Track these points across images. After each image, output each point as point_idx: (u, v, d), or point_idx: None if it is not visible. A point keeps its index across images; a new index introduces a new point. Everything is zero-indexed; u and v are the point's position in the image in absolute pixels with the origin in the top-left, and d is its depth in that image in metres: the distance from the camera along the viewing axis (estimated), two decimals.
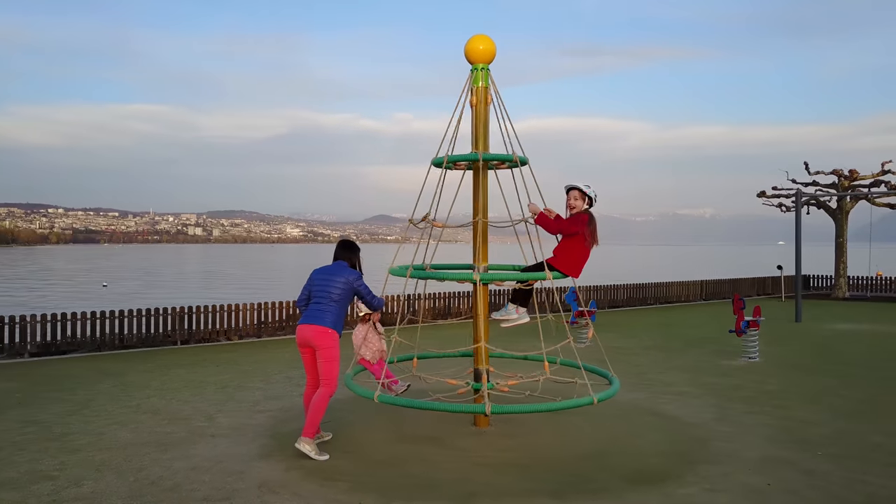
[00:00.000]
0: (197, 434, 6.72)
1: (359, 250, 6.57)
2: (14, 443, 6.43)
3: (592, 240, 6.46)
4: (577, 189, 6.58)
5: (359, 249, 6.58)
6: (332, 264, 6.40)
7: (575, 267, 6.45)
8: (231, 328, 13.75)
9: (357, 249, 6.55)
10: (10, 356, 11.41)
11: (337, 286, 6.18)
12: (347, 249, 6.47)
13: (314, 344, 6.10)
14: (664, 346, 12.85)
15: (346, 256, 6.43)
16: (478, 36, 6.76)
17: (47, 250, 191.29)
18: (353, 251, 6.48)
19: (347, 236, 36.42)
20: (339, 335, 6.24)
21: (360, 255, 6.55)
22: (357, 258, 6.49)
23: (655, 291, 22.26)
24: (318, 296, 6.20)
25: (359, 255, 6.53)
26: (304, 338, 6.16)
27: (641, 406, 7.96)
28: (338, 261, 6.41)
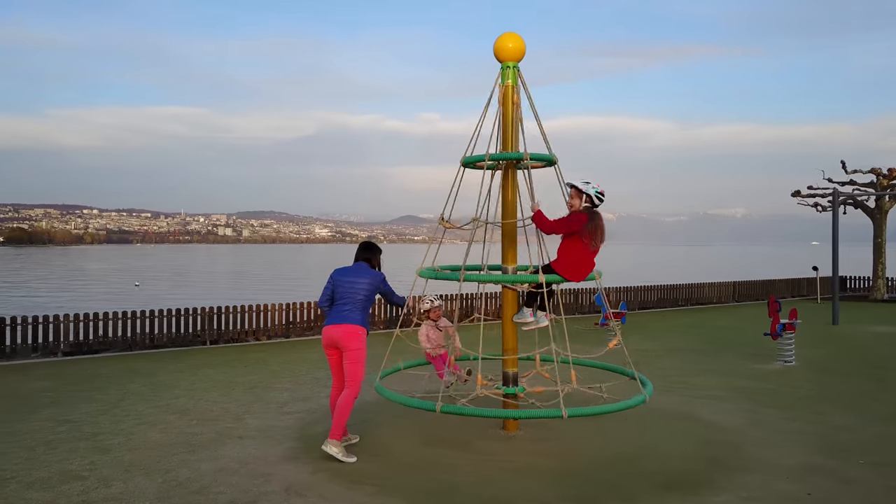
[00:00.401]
0: (225, 435, 6.73)
1: (380, 251, 6.59)
2: (47, 442, 6.50)
3: (593, 241, 6.01)
4: (574, 187, 6.18)
5: (380, 251, 6.60)
6: (353, 265, 6.42)
7: (573, 270, 6.06)
8: (260, 328, 13.83)
9: (378, 250, 6.57)
10: (43, 355, 11.60)
11: (362, 287, 6.20)
12: (368, 250, 6.51)
13: (342, 344, 6.08)
14: (696, 349, 12.61)
15: (366, 257, 6.45)
16: (507, 34, 6.67)
17: (82, 250, 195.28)
18: (373, 252, 6.50)
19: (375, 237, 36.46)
20: (367, 332, 6.24)
21: (380, 256, 6.56)
22: (377, 259, 6.51)
23: (687, 292, 21.90)
24: (344, 298, 6.19)
25: (379, 255, 6.54)
26: (331, 338, 6.13)
27: (673, 410, 7.79)
28: (359, 262, 6.44)
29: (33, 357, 11.51)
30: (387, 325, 15.51)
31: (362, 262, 6.44)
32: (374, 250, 6.55)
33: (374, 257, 6.49)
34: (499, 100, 6.75)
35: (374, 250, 6.54)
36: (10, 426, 7.08)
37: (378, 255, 6.55)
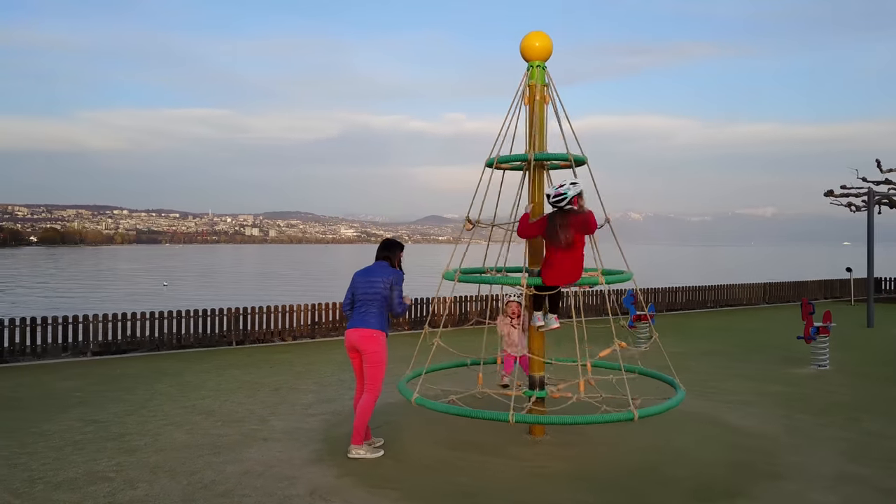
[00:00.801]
0: (250, 437, 6.73)
1: (399, 248, 6.39)
2: (75, 442, 6.55)
3: (552, 242, 6.04)
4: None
5: (399, 247, 6.40)
6: (373, 264, 6.30)
7: (545, 272, 6.11)
8: (285, 329, 13.87)
9: (398, 247, 6.38)
10: (73, 355, 11.75)
11: (378, 287, 6.09)
12: (387, 248, 6.34)
13: (360, 348, 6.04)
14: (726, 352, 12.38)
15: (385, 255, 6.30)
16: (534, 33, 6.58)
17: (113, 250, 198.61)
18: (392, 249, 6.33)
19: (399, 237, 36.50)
20: (387, 335, 6.17)
21: (401, 254, 6.38)
22: (397, 256, 6.33)
23: (715, 294, 21.56)
24: (361, 299, 6.12)
25: (399, 253, 6.36)
26: (351, 342, 6.10)
27: (703, 415, 7.62)
28: (379, 261, 6.30)
29: (63, 357, 11.66)
30: (413, 326, 15.45)
31: (382, 260, 6.30)
32: (394, 248, 6.37)
33: (393, 255, 6.31)
34: (526, 99, 6.65)
35: (393, 248, 6.36)
36: (40, 426, 7.15)
37: (398, 252, 6.38)
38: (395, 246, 6.38)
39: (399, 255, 6.35)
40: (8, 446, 6.43)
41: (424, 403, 6.17)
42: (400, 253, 6.37)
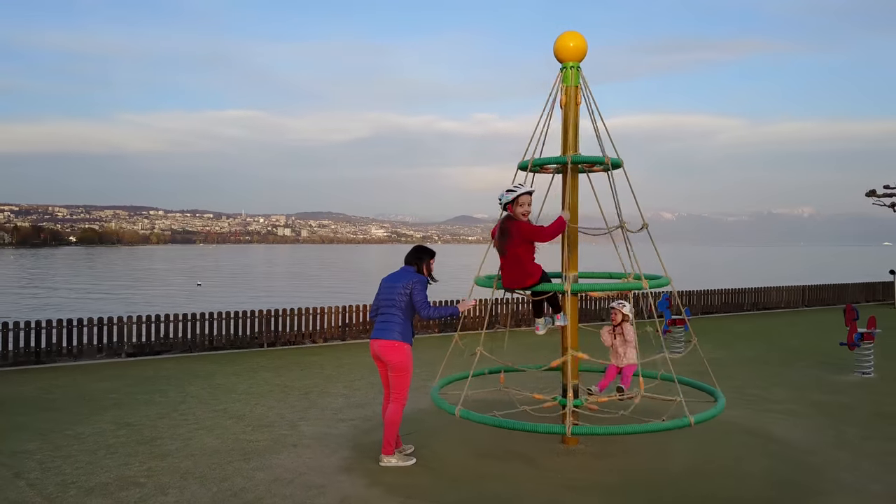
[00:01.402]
0: (280, 443, 6.68)
1: (428, 254, 6.16)
2: (108, 446, 6.57)
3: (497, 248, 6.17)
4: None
5: (428, 254, 6.16)
6: (399, 270, 6.11)
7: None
8: (316, 331, 13.87)
9: (427, 254, 6.15)
10: (108, 356, 11.88)
11: (399, 293, 5.89)
12: (414, 253, 6.13)
13: (383, 358, 5.93)
14: (765, 358, 12.03)
15: (412, 260, 6.09)
16: (568, 33, 6.42)
17: (148, 250, 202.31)
18: (419, 255, 6.10)
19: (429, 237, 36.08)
20: (411, 344, 6.00)
21: (430, 260, 6.12)
22: (425, 262, 6.08)
23: (753, 297, 21.08)
24: (384, 305, 5.97)
25: (428, 258, 6.11)
26: (374, 352, 6.00)
27: (744, 426, 7.37)
28: (405, 266, 6.10)
29: (98, 358, 11.79)
30: (441, 329, 15.35)
31: (409, 266, 6.09)
32: (422, 254, 6.13)
33: (420, 261, 6.07)
34: (560, 101, 6.50)
35: (420, 254, 6.12)
36: (75, 428, 7.20)
37: (427, 258, 6.12)
38: (422, 252, 6.17)
39: (428, 262, 6.12)
40: (42, 449, 6.47)
41: (470, 417, 5.94)
42: (430, 260, 6.14)
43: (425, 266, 6.11)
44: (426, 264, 6.11)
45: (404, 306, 5.89)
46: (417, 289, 5.88)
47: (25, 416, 7.77)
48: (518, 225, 5.96)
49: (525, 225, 5.98)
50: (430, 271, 6.16)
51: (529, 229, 5.97)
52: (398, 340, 5.86)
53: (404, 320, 5.91)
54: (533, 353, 10.82)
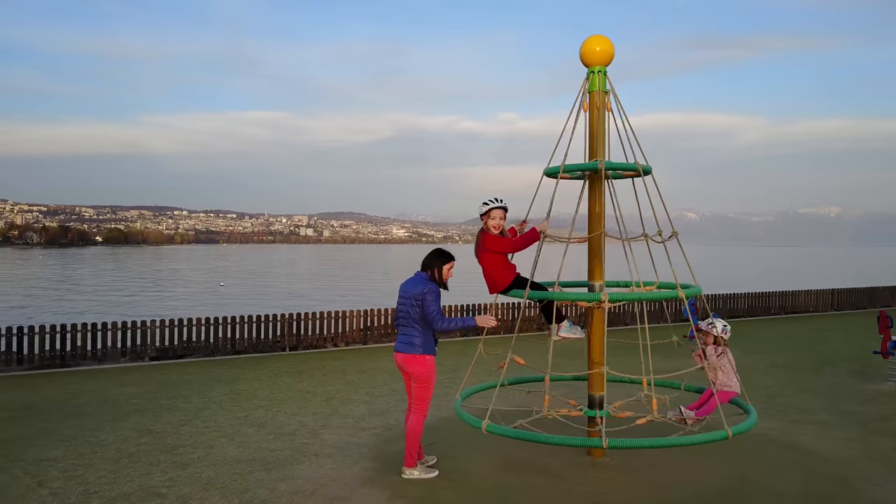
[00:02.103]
0: (301, 452, 6.62)
1: (445, 259, 5.88)
2: (130, 454, 6.56)
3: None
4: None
5: (445, 258, 5.89)
6: (413, 276, 5.91)
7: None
8: (338, 334, 13.85)
9: (442, 258, 5.88)
10: (132, 359, 11.95)
11: (412, 305, 5.73)
12: (428, 258, 5.89)
13: (407, 370, 5.83)
14: (794, 365, 11.77)
15: (426, 265, 5.87)
16: (595, 37, 6.29)
17: (172, 250, 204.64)
18: (432, 259, 5.86)
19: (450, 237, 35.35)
20: (434, 355, 5.86)
21: (444, 265, 5.86)
22: (438, 267, 5.83)
23: (780, 300, 20.70)
24: (402, 317, 5.83)
25: (442, 263, 5.85)
26: (398, 364, 5.90)
27: (773, 437, 7.18)
28: (419, 272, 5.91)
29: (122, 361, 11.87)
30: (464, 332, 15.26)
31: (422, 273, 5.88)
32: (436, 258, 5.87)
33: (434, 266, 5.84)
34: (585, 106, 6.37)
35: (434, 258, 5.87)
36: (98, 435, 7.21)
37: (441, 263, 5.84)
38: (437, 256, 5.90)
39: (443, 266, 5.85)
40: (66, 456, 6.48)
41: (495, 430, 5.84)
42: (445, 265, 5.87)
43: (437, 271, 5.85)
44: (439, 270, 5.85)
45: (419, 318, 5.73)
46: (428, 300, 5.68)
47: (51, 421, 7.81)
48: (484, 236, 6.14)
49: (490, 237, 6.12)
50: (445, 278, 5.90)
51: (493, 241, 6.11)
52: (419, 353, 5.75)
53: (423, 332, 5.77)
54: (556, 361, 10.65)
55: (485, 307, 15.65)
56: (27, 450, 6.70)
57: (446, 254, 5.97)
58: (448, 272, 5.93)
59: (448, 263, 5.91)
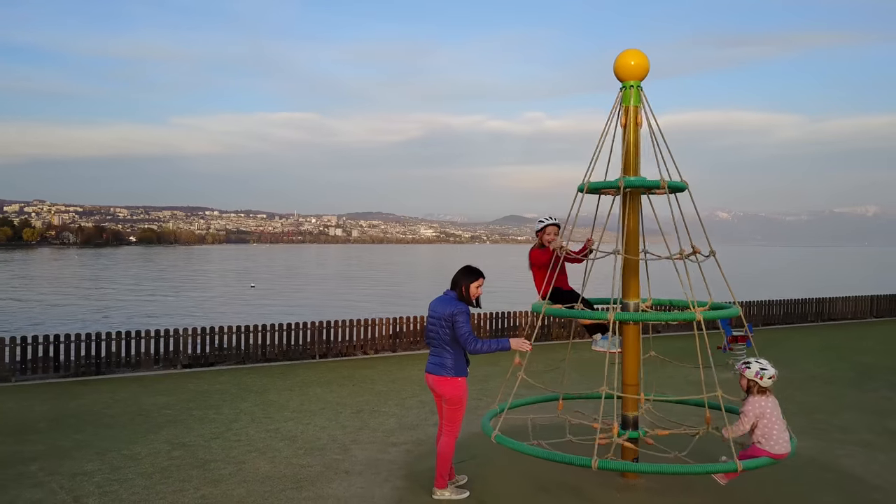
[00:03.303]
0: (331, 469, 6.60)
1: (474, 276, 5.75)
2: (162, 469, 6.60)
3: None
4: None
5: (471, 276, 5.75)
6: (442, 295, 5.83)
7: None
8: (367, 342, 13.88)
9: (470, 275, 5.74)
10: (164, 367, 12.09)
11: (442, 327, 5.64)
12: (456, 275, 5.78)
13: (438, 391, 5.77)
14: (833, 377, 11.46)
15: (454, 283, 5.76)
16: (629, 51, 6.17)
17: (204, 250, 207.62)
18: (460, 277, 5.74)
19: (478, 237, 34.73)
20: (466, 376, 5.78)
21: (472, 282, 5.73)
22: (466, 284, 5.70)
23: (817, 307, 20.23)
24: (433, 337, 5.75)
25: (470, 281, 5.72)
26: (429, 385, 5.84)
27: (812, 459, 6.97)
28: (448, 291, 5.81)
29: (155, 368, 12.01)
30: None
31: (451, 291, 5.78)
32: (464, 276, 5.74)
33: (462, 284, 5.71)
34: (620, 121, 6.25)
35: (462, 276, 5.74)
36: (131, 448, 7.28)
37: (469, 281, 5.71)
38: (465, 274, 5.78)
39: (471, 284, 5.73)
40: (101, 470, 6.55)
41: (503, 442, 5.85)
42: (473, 283, 5.74)
43: (465, 289, 5.73)
44: (466, 288, 5.73)
45: (450, 340, 5.64)
46: (459, 321, 5.55)
47: (86, 433, 7.91)
48: (531, 252, 6.79)
49: (533, 252, 6.75)
50: (473, 296, 5.78)
51: (535, 255, 6.71)
52: (451, 376, 5.68)
53: (455, 353, 5.68)
54: (591, 372, 10.53)
55: (516, 315, 15.57)
56: (64, 462, 6.79)
57: (475, 271, 5.85)
58: (476, 290, 5.81)
59: (476, 281, 5.79)
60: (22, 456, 7.02)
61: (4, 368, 11.03)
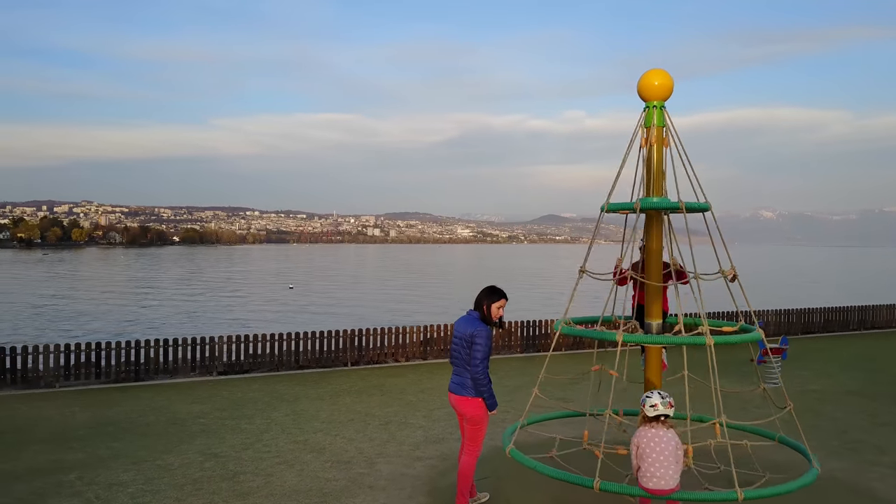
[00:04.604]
0: (356, 483, 6.73)
1: (493, 296, 5.77)
2: (194, 480, 6.80)
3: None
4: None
5: (494, 295, 5.78)
6: (466, 314, 5.87)
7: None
8: (398, 349, 14.04)
9: (489, 296, 5.77)
10: (200, 374, 12.41)
11: (463, 348, 5.69)
12: (479, 295, 5.82)
13: (460, 411, 5.84)
14: (873, 392, 11.17)
15: (477, 304, 5.80)
16: (653, 71, 6.14)
17: (245, 249, 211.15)
18: (482, 297, 5.78)
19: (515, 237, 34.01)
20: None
21: (494, 302, 5.74)
22: (487, 304, 5.73)
23: (859, 314, 19.72)
24: (455, 357, 5.82)
25: (491, 301, 5.74)
26: (452, 404, 5.92)
27: (841, 481, 6.83)
28: (471, 311, 5.85)
29: (191, 375, 12.33)
30: (524, 349, 15.20)
31: (473, 311, 5.82)
32: (486, 296, 5.78)
33: (483, 304, 5.76)
34: (643, 141, 6.24)
35: (484, 296, 5.78)
36: (165, 458, 7.51)
37: (490, 301, 5.74)
38: (487, 294, 5.81)
39: (492, 305, 5.77)
40: (135, 481, 6.78)
41: (515, 457, 5.87)
42: (494, 303, 5.78)
43: (486, 308, 5.77)
44: (488, 307, 5.77)
45: (468, 359, 5.71)
46: (477, 343, 5.60)
47: (123, 441, 8.19)
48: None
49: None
50: (494, 317, 5.81)
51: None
52: (472, 396, 5.74)
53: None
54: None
55: (548, 324, 15.54)
56: (100, 472, 7.04)
57: (497, 291, 5.89)
58: (498, 311, 5.84)
59: (497, 301, 5.83)
60: (62, 464, 7.31)
61: (49, 374, 11.46)
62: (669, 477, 4.79)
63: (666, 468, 4.79)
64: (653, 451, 4.81)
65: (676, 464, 4.83)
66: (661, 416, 4.85)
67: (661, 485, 4.79)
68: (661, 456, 4.80)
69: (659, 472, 4.79)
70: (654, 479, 4.80)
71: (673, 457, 4.81)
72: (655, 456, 4.81)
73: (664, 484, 4.79)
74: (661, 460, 4.80)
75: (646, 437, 4.86)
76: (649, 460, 4.82)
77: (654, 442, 4.82)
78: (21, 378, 11.31)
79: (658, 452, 4.81)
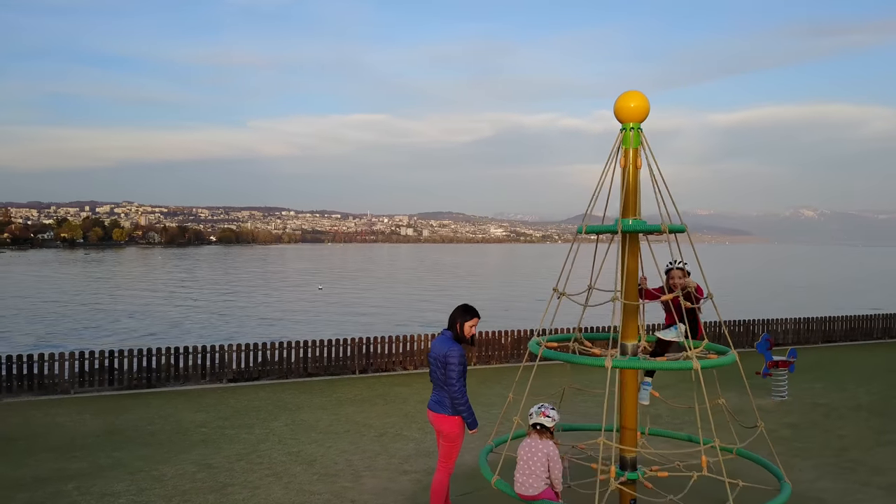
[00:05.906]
0: (339, 497, 6.85)
1: (466, 315, 5.84)
2: (183, 492, 7.00)
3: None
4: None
5: (467, 314, 5.85)
6: (440, 335, 5.96)
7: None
8: (406, 357, 14.17)
9: (464, 313, 5.85)
10: (211, 381, 12.70)
11: (440, 367, 5.77)
12: (453, 313, 5.90)
13: (438, 428, 5.94)
14: (882, 408, 10.89)
15: (451, 322, 5.87)
16: (628, 93, 6.14)
17: (280, 249, 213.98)
18: (456, 316, 5.86)
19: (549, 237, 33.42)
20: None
21: (468, 321, 5.81)
22: (460, 323, 5.81)
23: (884, 322, 19.27)
24: (433, 377, 5.93)
25: (464, 320, 5.81)
26: (430, 421, 6.02)
27: (825, 501, 6.72)
28: (445, 330, 5.94)
29: (202, 382, 12.63)
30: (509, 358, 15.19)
31: (447, 331, 5.90)
32: (459, 314, 5.85)
33: (457, 322, 5.83)
34: (621, 163, 6.25)
35: (458, 314, 5.85)
36: (160, 469, 7.74)
37: (463, 319, 5.81)
38: (461, 312, 5.88)
39: (465, 323, 5.85)
40: (127, 492, 7.01)
41: (502, 488, 5.86)
42: (467, 322, 5.86)
43: (458, 326, 5.86)
44: (461, 326, 5.86)
45: (445, 380, 5.81)
46: (451, 363, 5.69)
47: (125, 450, 8.45)
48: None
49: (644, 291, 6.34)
50: (467, 335, 5.89)
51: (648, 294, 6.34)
52: (449, 414, 5.83)
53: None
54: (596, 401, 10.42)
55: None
56: (97, 482, 7.30)
57: (470, 310, 5.97)
58: (470, 329, 5.92)
59: (470, 320, 5.91)
60: (63, 473, 7.59)
61: (64, 381, 11.85)
62: (529, 485, 5.23)
63: (527, 476, 5.24)
64: (520, 459, 5.31)
65: (542, 472, 5.23)
66: (535, 424, 5.31)
67: (521, 490, 5.27)
68: (526, 464, 5.26)
69: (520, 479, 5.28)
70: (516, 484, 5.31)
71: (540, 465, 5.22)
72: (522, 463, 5.29)
73: (524, 490, 5.25)
74: (524, 468, 5.26)
75: (521, 445, 5.37)
76: (517, 465, 5.32)
77: (524, 450, 5.31)
78: (38, 385, 11.72)
79: (525, 460, 5.27)
